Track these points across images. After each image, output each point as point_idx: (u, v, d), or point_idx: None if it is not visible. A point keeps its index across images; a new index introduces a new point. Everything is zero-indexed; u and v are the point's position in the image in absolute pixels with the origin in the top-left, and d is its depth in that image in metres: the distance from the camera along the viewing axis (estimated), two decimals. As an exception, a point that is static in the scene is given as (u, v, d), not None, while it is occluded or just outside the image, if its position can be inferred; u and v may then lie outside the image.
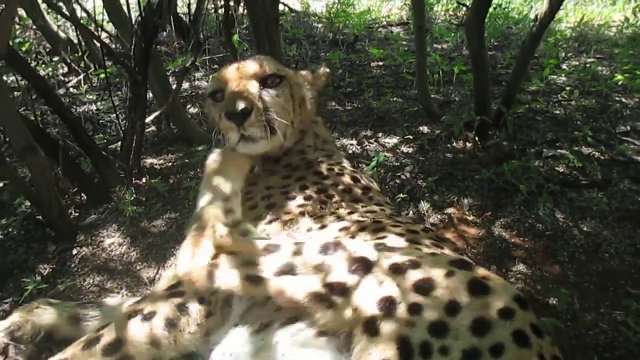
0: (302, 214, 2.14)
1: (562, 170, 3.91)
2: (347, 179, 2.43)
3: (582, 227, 3.28)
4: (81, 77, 5.86)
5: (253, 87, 2.34)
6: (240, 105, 2.18)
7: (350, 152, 4.30)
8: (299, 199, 2.25)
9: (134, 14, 4.14)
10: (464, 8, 8.70)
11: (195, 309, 1.71)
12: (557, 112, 4.97)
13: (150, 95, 4.87)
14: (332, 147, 2.81)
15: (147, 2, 3.72)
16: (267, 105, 2.33)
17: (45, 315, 2.24)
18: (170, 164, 4.21)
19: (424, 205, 3.53)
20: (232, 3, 6.84)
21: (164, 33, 7.63)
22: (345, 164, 2.64)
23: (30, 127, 3.14)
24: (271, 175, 2.47)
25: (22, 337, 2.13)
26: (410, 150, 4.33)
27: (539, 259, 3.02)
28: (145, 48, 3.69)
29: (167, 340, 1.65)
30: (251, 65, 2.43)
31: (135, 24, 3.72)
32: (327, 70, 2.82)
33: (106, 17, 4.30)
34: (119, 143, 4.05)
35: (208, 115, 2.78)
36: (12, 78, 5.43)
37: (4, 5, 2.41)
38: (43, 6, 5.97)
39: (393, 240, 1.81)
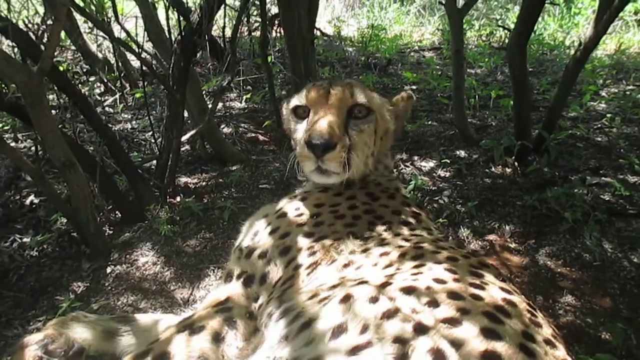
0: (349, 234, 2.06)
1: (607, 198, 3.76)
2: (397, 202, 2.34)
3: (632, 259, 3.13)
4: (117, 96, 5.93)
5: (341, 117, 2.23)
6: (325, 138, 2.07)
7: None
8: (348, 218, 2.18)
9: (172, 33, 4.18)
10: (498, 33, 8.66)
11: (243, 324, 1.70)
12: (599, 139, 4.83)
13: (185, 114, 4.91)
14: (392, 175, 2.72)
15: (187, 22, 3.75)
16: (350, 141, 2.22)
17: (79, 328, 2.19)
18: (204, 183, 4.18)
19: (464, 231, 3.41)
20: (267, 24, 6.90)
21: (198, 54, 7.74)
22: (401, 189, 2.56)
23: (69, 143, 3.15)
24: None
25: (56, 351, 2.08)
26: (447, 174, 4.23)
27: (588, 291, 2.88)
28: (184, 67, 3.70)
29: (214, 355, 1.64)
30: (343, 92, 2.28)
31: (175, 43, 3.74)
32: (412, 94, 2.62)
33: (146, 37, 4.35)
34: (154, 161, 4.05)
35: (284, 123, 2.67)
36: (52, 96, 5.52)
37: (52, 20, 2.41)
38: (82, 27, 6.12)
39: (429, 273, 1.71)
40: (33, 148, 4.38)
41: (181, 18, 4.30)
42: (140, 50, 3.85)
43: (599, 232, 3.34)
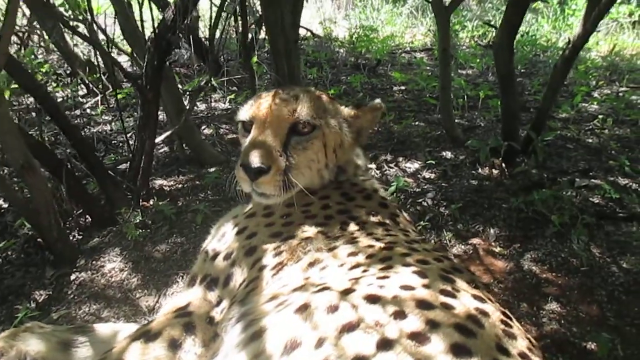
0: (319, 233, 1.95)
1: (597, 201, 3.63)
2: (374, 203, 2.21)
3: (621, 264, 2.99)
4: (98, 98, 5.79)
5: (279, 137, 2.07)
6: (256, 162, 1.94)
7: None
8: (319, 218, 2.06)
9: (150, 31, 4.04)
10: (490, 35, 8.55)
11: (202, 329, 1.67)
12: (590, 140, 4.70)
13: (165, 116, 4.77)
14: (368, 175, 2.58)
15: (161, 19, 3.62)
16: (290, 163, 2.07)
17: (32, 340, 2.04)
18: (180, 185, 4.03)
19: (447, 235, 3.28)
20: (253, 26, 6.79)
21: (185, 56, 7.61)
22: (379, 190, 2.42)
23: (33, 146, 3.01)
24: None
25: (6, 365, 1.95)
26: (433, 175, 4.10)
27: (574, 298, 2.74)
28: (157, 66, 3.57)
29: None
30: (284, 108, 2.11)
31: (148, 41, 3.61)
32: (381, 104, 2.42)
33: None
34: (129, 164, 3.91)
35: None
36: (31, 99, 5.38)
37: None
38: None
39: (397, 277, 1.57)
40: None
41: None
42: (110, 48, 3.74)
43: (587, 236, 3.20)
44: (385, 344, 1.21)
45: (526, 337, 1.39)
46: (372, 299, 1.38)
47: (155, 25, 3.67)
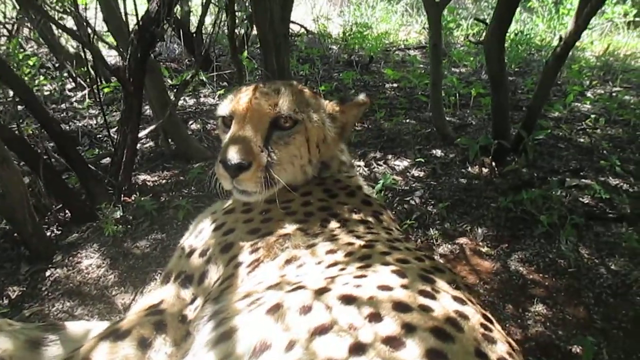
0: (298, 230, 1.89)
1: (587, 201, 3.58)
2: (356, 200, 2.15)
3: (610, 265, 2.94)
4: (85, 91, 5.70)
5: (260, 132, 2.01)
6: (236, 158, 1.87)
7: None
8: (299, 215, 2.00)
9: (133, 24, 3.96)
10: (484, 31, 8.48)
11: (173, 328, 1.64)
12: (582, 140, 4.65)
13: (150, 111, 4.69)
14: (352, 171, 2.51)
15: (145, 11, 3.54)
16: (271, 158, 2.01)
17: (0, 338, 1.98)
18: (164, 181, 3.96)
19: (434, 234, 3.21)
20: (245, 21, 6.71)
21: (177, 51, 7.52)
22: (363, 187, 2.35)
23: (9, 139, 2.93)
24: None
25: (-31, 364, 1.89)
26: (422, 174, 4.03)
27: (561, 300, 2.68)
28: (141, 59, 3.49)
29: None
30: (265, 102, 2.05)
31: (132, 33, 3.53)
32: (366, 99, 2.37)
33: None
34: (111, 158, 3.83)
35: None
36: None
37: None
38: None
39: (374, 277, 1.51)
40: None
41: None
42: (94, 41, 3.65)
43: (576, 236, 3.15)
44: (358, 348, 1.16)
45: (507, 340, 1.34)
46: (347, 300, 1.33)
47: (138, 17, 3.60)
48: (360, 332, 1.21)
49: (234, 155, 1.87)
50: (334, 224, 1.98)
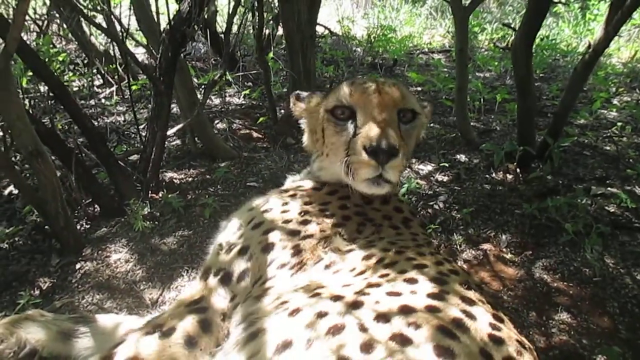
0: (336, 233, 1.93)
1: (612, 210, 3.55)
2: (389, 207, 2.18)
3: (636, 275, 2.92)
4: (114, 88, 5.80)
5: (395, 122, 2.01)
6: (388, 144, 1.81)
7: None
8: (337, 218, 2.02)
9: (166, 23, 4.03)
10: (510, 38, 8.43)
11: (217, 327, 1.65)
12: (608, 148, 4.60)
13: (178, 109, 4.77)
14: None
15: (177, 11, 3.61)
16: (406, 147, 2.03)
17: (33, 328, 2.05)
18: (190, 179, 4.02)
19: (457, 239, 3.22)
20: (272, 22, 6.76)
21: (202, 50, 7.61)
22: (397, 194, 2.38)
23: (44, 133, 3.01)
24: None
25: (4, 352, 1.95)
26: (446, 179, 4.04)
27: (586, 309, 2.67)
28: (172, 58, 3.55)
29: None
30: (394, 93, 2.06)
31: (163, 33, 3.60)
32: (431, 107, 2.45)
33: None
34: (139, 155, 3.90)
35: (307, 127, 2.41)
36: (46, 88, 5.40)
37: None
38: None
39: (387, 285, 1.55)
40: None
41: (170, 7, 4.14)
42: (126, 39, 3.72)
43: (601, 245, 3.13)
44: (368, 347, 1.22)
45: (517, 340, 1.36)
46: (360, 305, 1.39)
47: (171, 17, 3.67)
48: (370, 332, 1.26)
49: (384, 141, 1.82)
50: (369, 230, 2.01)
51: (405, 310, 1.33)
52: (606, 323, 2.58)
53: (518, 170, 3.91)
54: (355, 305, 1.38)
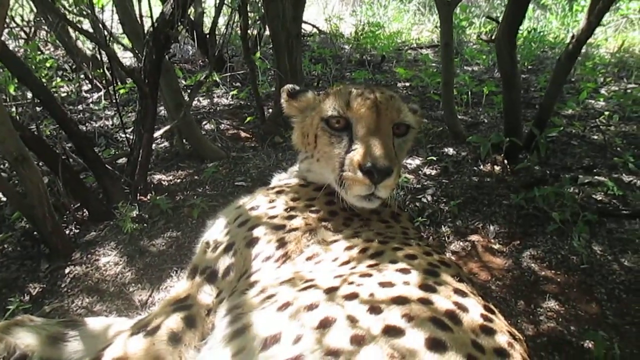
0: (322, 227, 1.95)
1: (600, 198, 3.57)
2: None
3: (623, 262, 2.94)
4: (102, 93, 5.79)
5: (390, 138, 2.00)
6: (387, 164, 1.82)
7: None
8: (324, 214, 2.04)
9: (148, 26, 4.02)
10: (496, 29, 8.45)
11: (202, 322, 1.68)
12: (595, 137, 4.63)
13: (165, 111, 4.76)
14: None
15: (160, 13, 3.60)
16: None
17: (22, 333, 2.05)
18: (179, 180, 4.02)
19: (445, 231, 3.23)
20: (258, 22, 6.76)
21: (190, 52, 7.60)
22: None
23: (29, 138, 3.00)
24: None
25: (-7, 357, 1.95)
26: (434, 172, 4.05)
27: (573, 296, 2.69)
28: (156, 60, 3.55)
29: (171, 357, 1.59)
30: (390, 107, 2.04)
31: (147, 35, 3.59)
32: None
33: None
34: (127, 158, 3.89)
35: (298, 127, 2.35)
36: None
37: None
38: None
39: (378, 275, 1.55)
40: None
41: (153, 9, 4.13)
42: (110, 42, 3.72)
43: (588, 233, 3.14)
44: (359, 340, 1.22)
45: (508, 330, 1.37)
46: (350, 297, 1.39)
47: (153, 19, 3.66)
48: (361, 324, 1.26)
49: (380, 160, 1.82)
50: (356, 223, 2.02)
51: (397, 302, 1.33)
52: (594, 309, 2.59)
53: (505, 161, 3.92)
54: (343, 296, 1.38)
